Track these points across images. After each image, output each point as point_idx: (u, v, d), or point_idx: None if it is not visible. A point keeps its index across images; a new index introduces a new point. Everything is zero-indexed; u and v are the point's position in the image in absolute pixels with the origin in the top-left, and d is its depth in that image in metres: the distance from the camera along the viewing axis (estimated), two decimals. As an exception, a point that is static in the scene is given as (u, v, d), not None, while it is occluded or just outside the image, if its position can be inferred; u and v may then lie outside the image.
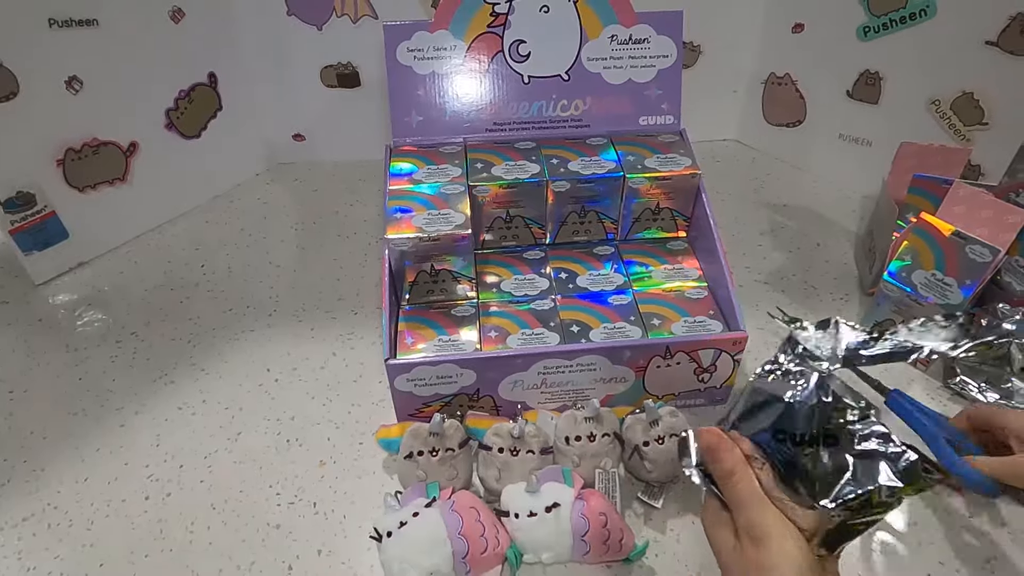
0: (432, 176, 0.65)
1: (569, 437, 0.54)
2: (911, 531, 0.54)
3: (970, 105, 0.77)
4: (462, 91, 0.69)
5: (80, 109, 0.73)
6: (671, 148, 0.69)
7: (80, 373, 0.68)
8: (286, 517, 0.56)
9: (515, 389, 0.59)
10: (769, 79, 0.92)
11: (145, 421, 0.63)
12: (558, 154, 0.68)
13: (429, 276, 0.63)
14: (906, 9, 0.76)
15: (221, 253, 0.82)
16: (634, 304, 0.64)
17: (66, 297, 0.76)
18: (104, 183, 0.79)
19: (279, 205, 0.89)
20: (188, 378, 0.67)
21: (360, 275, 0.78)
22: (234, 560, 0.53)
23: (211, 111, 0.86)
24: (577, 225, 0.69)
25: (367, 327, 0.72)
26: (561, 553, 0.50)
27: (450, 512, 0.49)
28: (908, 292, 0.64)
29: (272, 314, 0.74)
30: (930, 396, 0.63)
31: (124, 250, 0.82)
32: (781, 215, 0.87)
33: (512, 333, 0.61)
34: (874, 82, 0.82)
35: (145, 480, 0.58)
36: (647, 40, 0.69)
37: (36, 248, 0.76)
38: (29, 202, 0.73)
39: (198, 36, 0.80)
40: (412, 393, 0.57)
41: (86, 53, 0.71)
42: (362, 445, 0.61)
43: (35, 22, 0.68)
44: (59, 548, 0.54)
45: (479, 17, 0.67)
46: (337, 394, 0.65)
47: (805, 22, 0.85)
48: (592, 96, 0.71)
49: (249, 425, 0.63)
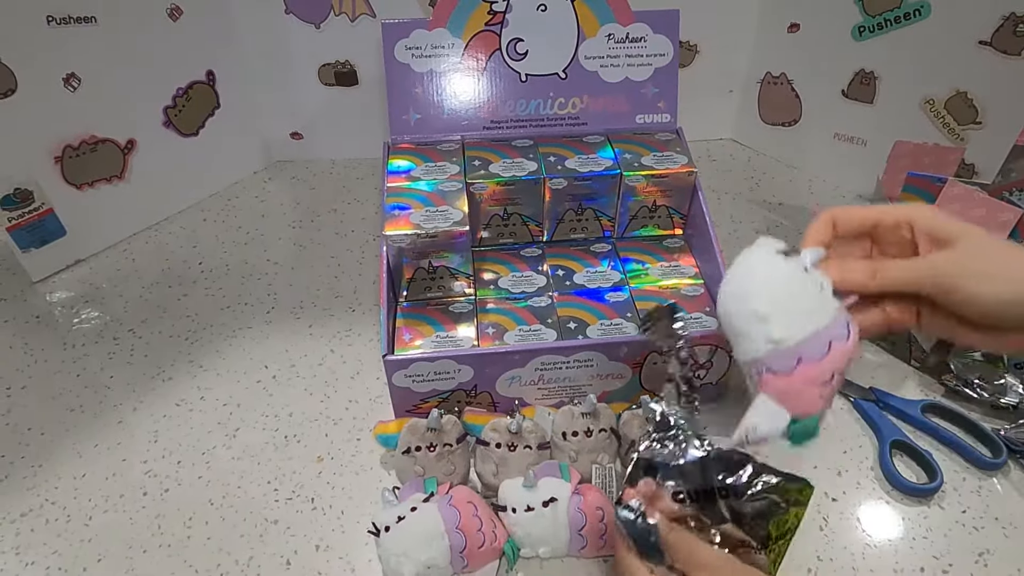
0: (430, 173, 0.65)
1: (566, 432, 0.55)
2: (904, 526, 0.54)
3: (964, 104, 0.78)
4: (460, 89, 0.70)
5: (78, 106, 0.73)
6: (668, 146, 0.69)
7: (78, 370, 0.68)
8: (284, 512, 0.56)
9: (512, 385, 0.59)
10: (765, 78, 0.92)
11: (143, 417, 0.63)
12: (555, 152, 0.69)
13: (427, 273, 0.63)
14: (900, 9, 0.77)
15: (219, 250, 0.82)
16: (631, 301, 0.64)
17: (63, 294, 0.76)
18: (102, 180, 0.79)
19: (277, 203, 0.89)
20: (186, 375, 0.67)
21: (358, 272, 0.79)
22: (232, 555, 0.53)
23: (209, 109, 0.86)
24: (574, 222, 0.70)
25: (365, 324, 0.72)
26: (558, 547, 0.51)
27: (448, 507, 0.49)
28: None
29: (270, 311, 0.74)
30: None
31: (122, 247, 0.82)
32: (776, 213, 0.87)
33: (509, 329, 0.61)
34: (869, 82, 0.83)
35: (143, 476, 0.58)
36: (644, 39, 0.69)
37: (33, 245, 0.76)
38: (27, 199, 0.73)
39: (196, 34, 0.80)
40: (410, 389, 0.57)
41: (84, 50, 0.72)
42: (360, 441, 0.61)
43: (33, 19, 0.68)
44: (57, 543, 0.54)
45: (477, 15, 0.68)
46: (335, 390, 0.66)
47: (800, 22, 0.86)
48: (589, 94, 0.71)
49: (247, 421, 0.63)
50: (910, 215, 0.40)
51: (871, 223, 0.42)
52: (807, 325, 0.37)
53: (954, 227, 0.39)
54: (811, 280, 0.38)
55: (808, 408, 0.38)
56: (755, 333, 0.37)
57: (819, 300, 0.37)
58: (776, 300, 0.37)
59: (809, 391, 0.37)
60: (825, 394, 0.37)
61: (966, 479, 0.57)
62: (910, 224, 0.40)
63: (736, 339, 0.39)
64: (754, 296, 0.37)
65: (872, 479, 0.57)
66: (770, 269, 0.38)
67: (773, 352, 0.37)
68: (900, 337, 0.66)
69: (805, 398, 0.37)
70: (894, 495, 0.56)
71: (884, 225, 0.41)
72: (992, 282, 0.37)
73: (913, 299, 0.40)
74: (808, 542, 0.53)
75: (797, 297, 0.37)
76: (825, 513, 0.55)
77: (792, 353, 0.37)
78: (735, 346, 0.40)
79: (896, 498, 0.56)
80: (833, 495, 0.56)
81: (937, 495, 0.56)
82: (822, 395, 0.37)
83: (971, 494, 0.56)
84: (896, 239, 0.41)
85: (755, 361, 0.38)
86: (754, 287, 0.38)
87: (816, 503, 0.56)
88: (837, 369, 0.37)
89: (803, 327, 0.37)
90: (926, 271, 0.38)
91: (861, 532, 0.54)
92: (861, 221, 0.42)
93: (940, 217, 0.40)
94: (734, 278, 0.39)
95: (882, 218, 0.41)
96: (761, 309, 0.36)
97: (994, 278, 0.37)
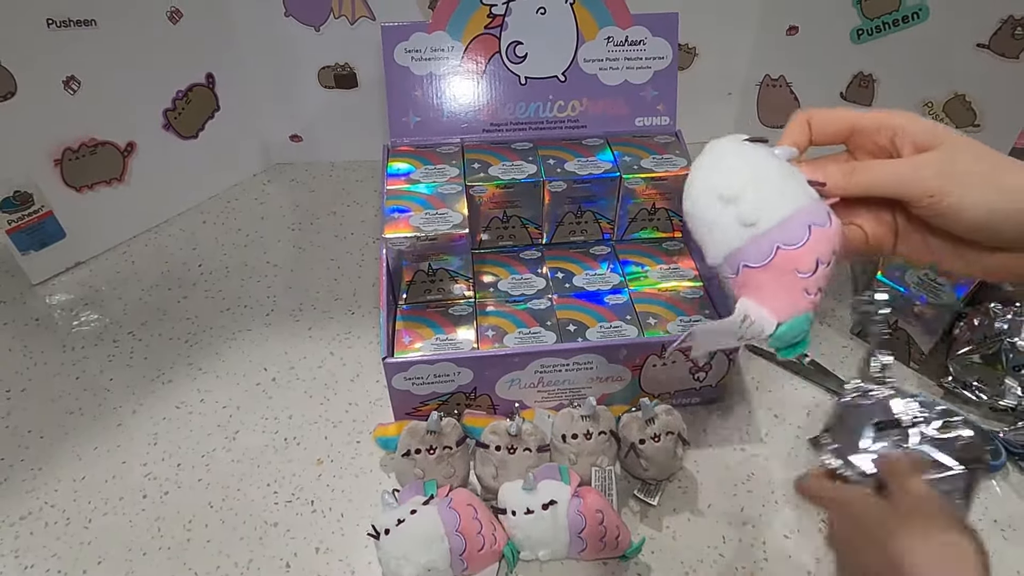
0: (429, 176, 0.65)
1: (566, 435, 0.55)
2: (904, 528, 0.54)
3: (962, 107, 0.78)
4: (459, 92, 0.70)
5: (78, 109, 0.73)
6: (667, 149, 0.69)
7: (77, 372, 0.68)
8: (284, 515, 0.56)
9: (512, 387, 0.59)
10: (764, 81, 0.92)
11: (143, 420, 0.63)
12: (555, 155, 0.69)
13: (426, 275, 0.63)
14: (899, 12, 0.77)
15: (218, 253, 0.82)
16: (630, 303, 0.64)
17: (63, 297, 0.76)
18: (101, 183, 0.79)
19: (276, 205, 0.89)
20: (186, 377, 0.67)
21: (357, 275, 0.79)
22: (232, 558, 0.53)
23: (209, 111, 0.86)
24: (574, 225, 0.70)
25: (364, 326, 0.72)
26: (558, 550, 0.51)
27: (447, 509, 0.49)
28: (902, 292, 0.65)
29: (269, 314, 0.74)
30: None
31: (121, 250, 0.82)
32: (776, 216, 0.87)
33: (509, 332, 0.61)
34: (867, 84, 0.83)
35: (143, 479, 0.58)
36: (643, 42, 0.69)
37: (33, 248, 0.76)
38: (26, 201, 0.73)
39: (196, 37, 0.80)
40: (409, 392, 0.57)
41: (84, 53, 0.72)
42: (360, 443, 0.61)
43: (33, 22, 0.68)
44: (56, 546, 0.54)
45: (476, 18, 0.68)
46: (335, 393, 0.66)
47: (799, 25, 0.86)
48: (588, 97, 0.71)
49: (247, 424, 0.63)
50: (892, 120, 0.36)
51: (848, 127, 0.38)
52: (782, 206, 0.33)
53: (942, 131, 0.35)
54: (784, 165, 0.35)
55: (793, 304, 0.34)
56: (726, 219, 0.33)
57: (794, 183, 0.34)
58: (747, 181, 0.34)
59: (792, 283, 0.34)
60: (811, 289, 0.34)
61: (965, 481, 0.57)
62: (892, 130, 0.36)
63: (708, 236, 0.35)
64: (723, 180, 0.34)
65: (871, 481, 0.58)
66: (738, 153, 0.35)
67: (748, 240, 0.34)
68: (899, 339, 0.67)
69: (789, 292, 0.34)
70: (893, 497, 0.56)
71: (863, 130, 0.37)
72: (983, 190, 0.33)
73: (890, 212, 0.37)
74: (807, 545, 0.53)
75: (770, 179, 0.34)
76: (824, 516, 0.55)
77: (769, 240, 0.33)
78: (707, 248, 0.36)
79: (895, 500, 0.56)
80: (832, 497, 0.56)
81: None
82: (807, 289, 0.34)
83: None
84: (876, 147, 0.37)
85: (729, 256, 0.34)
86: (722, 171, 0.34)
87: (815, 505, 0.56)
88: (821, 257, 0.34)
89: (778, 208, 0.33)
90: (909, 173, 0.34)
91: (860, 534, 0.54)
92: (838, 124, 0.38)
93: (927, 122, 0.35)
94: (700, 168, 0.36)
95: (861, 122, 0.37)
96: (731, 191, 0.33)
97: (985, 186, 0.33)
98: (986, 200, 0.33)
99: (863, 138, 0.37)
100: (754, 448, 0.60)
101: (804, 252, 0.33)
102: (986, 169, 0.33)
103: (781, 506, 0.56)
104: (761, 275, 0.34)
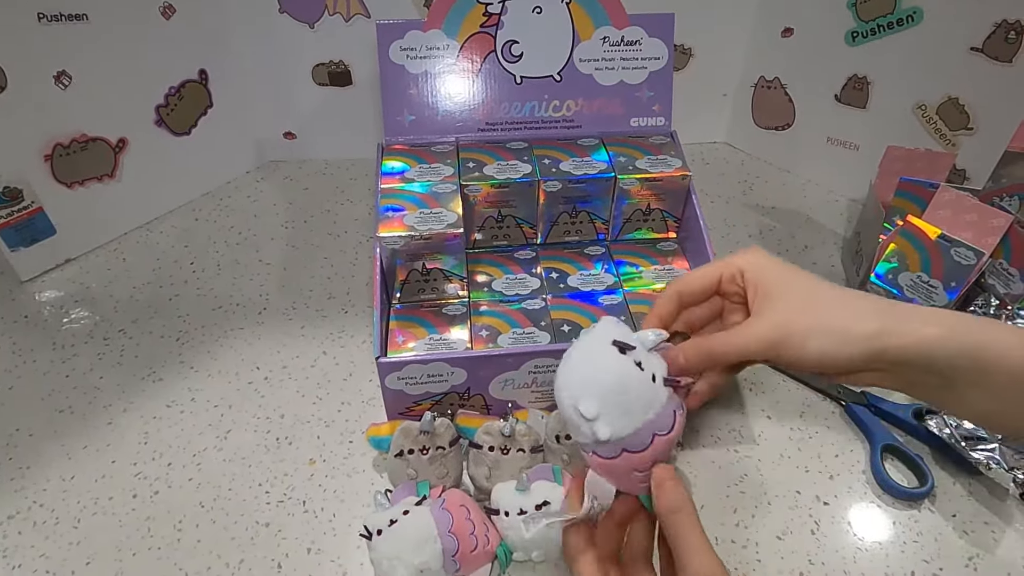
0: (424, 175, 0.65)
1: (559, 436, 0.54)
2: (896, 530, 0.54)
3: (955, 110, 0.78)
4: (454, 90, 0.70)
5: (69, 104, 0.73)
6: (662, 150, 0.69)
7: (67, 370, 0.67)
8: (275, 515, 0.55)
9: (506, 388, 0.59)
10: (758, 83, 0.93)
11: (133, 419, 0.63)
12: (550, 154, 0.68)
13: (420, 275, 0.63)
14: (894, 15, 0.77)
15: (210, 251, 0.81)
16: (624, 304, 0.64)
17: (53, 294, 0.76)
18: (93, 179, 0.78)
19: (269, 203, 0.89)
20: (177, 376, 0.67)
21: (351, 273, 0.78)
22: (223, 558, 0.53)
23: (201, 108, 0.85)
24: (568, 225, 0.70)
25: (357, 325, 0.72)
26: (551, 551, 0.51)
27: (440, 510, 0.49)
28: (895, 294, 0.65)
29: (262, 312, 0.74)
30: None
31: (112, 247, 0.82)
32: (769, 217, 0.87)
33: (503, 332, 0.61)
34: (862, 87, 0.83)
35: (133, 478, 0.58)
36: (639, 42, 0.69)
37: (23, 244, 0.75)
38: (16, 197, 0.72)
39: (189, 32, 0.79)
40: (403, 391, 0.57)
41: (76, 48, 0.71)
42: (352, 443, 0.61)
43: (24, 16, 0.67)
44: (45, 546, 0.53)
45: (472, 17, 0.68)
46: (327, 392, 0.65)
47: (794, 27, 0.86)
48: (584, 97, 0.71)
49: (238, 423, 0.62)
50: (740, 265, 0.42)
51: (712, 284, 0.43)
52: (633, 421, 0.38)
53: (774, 278, 0.40)
54: (642, 376, 0.39)
55: (630, 490, 0.41)
56: (584, 429, 0.38)
57: (648, 395, 0.39)
58: (605, 401, 0.38)
59: (630, 476, 0.40)
60: (646, 479, 0.40)
61: (956, 483, 0.57)
62: (739, 273, 0.42)
63: (567, 424, 0.40)
64: (584, 397, 0.38)
65: (864, 483, 0.58)
66: (603, 367, 0.39)
67: (598, 445, 0.39)
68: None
69: (627, 481, 0.40)
70: (885, 499, 0.57)
71: (724, 279, 0.43)
72: (815, 338, 0.37)
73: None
74: (800, 546, 0.53)
75: (626, 394, 0.38)
76: (817, 517, 0.55)
77: (616, 445, 0.38)
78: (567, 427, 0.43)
79: (887, 502, 0.56)
80: (825, 499, 0.56)
81: (928, 499, 0.56)
82: (643, 480, 0.40)
83: (961, 498, 0.56)
84: (737, 289, 0.42)
85: (583, 446, 0.40)
86: (584, 387, 0.38)
87: (808, 507, 0.56)
88: (658, 458, 0.39)
89: (629, 423, 0.38)
90: (752, 343, 0.39)
91: (853, 536, 0.54)
92: (703, 287, 0.43)
93: (765, 267, 0.41)
94: (568, 371, 0.40)
95: (721, 273, 0.43)
96: (590, 411, 0.37)
97: (814, 336, 0.37)
98: (819, 347, 0.37)
99: (727, 284, 0.43)
100: (747, 449, 0.61)
101: (644, 456, 0.39)
102: (811, 321, 0.38)
103: (774, 507, 0.56)
104: (606, 464, 0.39)
